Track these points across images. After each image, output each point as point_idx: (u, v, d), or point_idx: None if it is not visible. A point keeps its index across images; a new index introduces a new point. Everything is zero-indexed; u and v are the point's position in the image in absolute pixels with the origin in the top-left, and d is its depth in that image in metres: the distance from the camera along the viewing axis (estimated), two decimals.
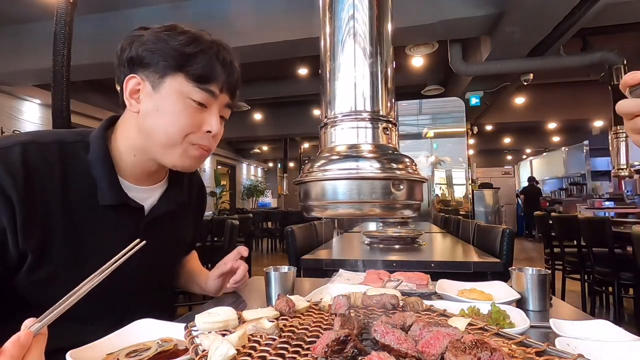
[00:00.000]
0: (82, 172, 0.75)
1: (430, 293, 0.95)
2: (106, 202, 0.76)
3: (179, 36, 0.75)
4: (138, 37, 0.75)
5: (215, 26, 4.10)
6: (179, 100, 0.74)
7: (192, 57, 0.74)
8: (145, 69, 0.75)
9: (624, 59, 4.37)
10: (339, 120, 0.61)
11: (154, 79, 0.75)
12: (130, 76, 0.76)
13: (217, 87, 0.77)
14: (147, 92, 0.76)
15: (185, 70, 0.74)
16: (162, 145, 0.77)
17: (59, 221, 0.72)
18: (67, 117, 2.71)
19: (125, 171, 0.81)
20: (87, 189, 0.75)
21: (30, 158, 0.70)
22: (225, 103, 0.81)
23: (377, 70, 0.60)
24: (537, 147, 13.55)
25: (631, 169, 4.55)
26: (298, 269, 1.71)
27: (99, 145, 0.78)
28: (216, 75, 0.76)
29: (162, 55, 0.73)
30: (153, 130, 0.76)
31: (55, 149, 0.74)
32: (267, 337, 0.56)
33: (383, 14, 0.62)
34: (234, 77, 0.80)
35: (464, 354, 0.43)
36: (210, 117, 0.78)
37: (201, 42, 0.76)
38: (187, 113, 0.75)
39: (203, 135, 0.78)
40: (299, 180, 0.63)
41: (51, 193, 0.71)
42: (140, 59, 0.74)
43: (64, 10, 2.67)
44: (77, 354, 0.54)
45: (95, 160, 0.76)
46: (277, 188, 15.25)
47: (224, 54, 0.78)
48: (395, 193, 0.56)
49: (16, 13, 4.40)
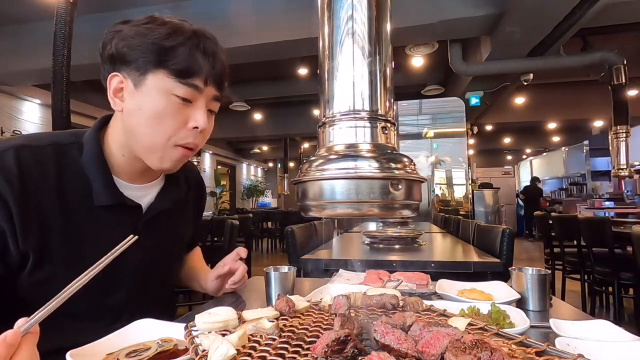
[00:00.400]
0: (77, 173, 0.75)
1: (430, 293, 0.95)
2: (101, 202, 0.76)
3: (158, 28, 0.71)
4: (118, 32, 0.73)
5: (215, 26, 4.09)
6: (161, 97, 0.71)
7: (171, 50, 0.70)
8: (126, 66, 0.72)
9: (624, 59, 4.37)
10: (337, 119, 0.61)
11: (135, 76, 0.72)
12: (112, 74, 0.74)
13: (201, 80, 0.73)
14: (129, 90, 0.73)
15: (165, 66, 0.70)
16: (144, 145, 0.75)
17: (57, 221, 0.72)
18: (67, 117, 2.71)
19: (119, 170, 0.80)
20: (83, 189, 0.75)
21: (24, 161, 0.70)
22: (213, 96, 0.77)
23: (376, 70, 0.60)
24: (537, 147, 13.55)
25: (631, 169, 4.54)
26: (298, 269, 1.71)
27: (92, 145, 0.77)
28: (199, 68, 0.72)
29: (141, 51, 0.70)
30: (136, 129, 0.74)
31: (50, 151, 0.74)
32: (267, 337, 0.56)
33: (382, 14, 0.62)
34: (219, 68, 0.75)
35: (464, 354, 0.43)
36: (196, 112, 0.74)
37: (180, 33, 0.72)
38: (170, 110, 0.72)
39: (189, 132, 0.75)
40: (297, 179, 0.62)
41: (47, 194, 0.71)
42: (121, 55, 0.72)
43: (64, 10, 2.67)
44: (77, 354, 0.54)
45: (89, 161, 0.76)
46: (277, 188, 15.25)
47: (206, 44, 0.74)
48: (393, 193, 0.56)
49: (16, 13, 4.40)
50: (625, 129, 4.34)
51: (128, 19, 0.77)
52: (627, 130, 4.34)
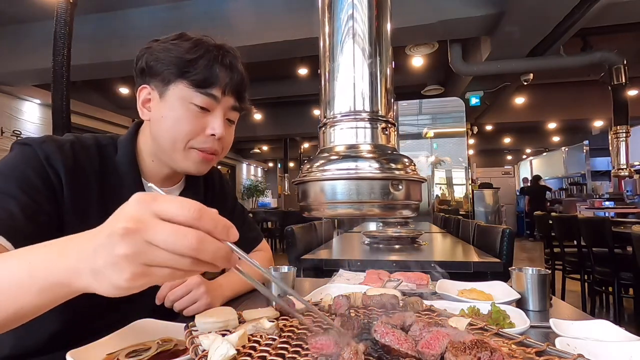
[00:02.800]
0: (113, 169, 0.82)
1: (430, 293, 0.95)
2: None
3: (182, 44, 0.78)
4: (148, 49, 0.80)
5: (215, 26, 4.10)
6: (181, 105, 0.77)
7: (192, 62, 0.76)
8: (153, 79, 0.79)
9: (624, 59, 4.37)
10: (337, 120, 0.61)
11: (160, 87, 0.79)
12: (142, 86, 0.81)
13: (219, 90, 0.78)
14: (155, 101, 0.80)
15: (186, 77, 0.76)
16: (166, 150, 0.80)
17: (94, 204, 0.77)
18: (67, 117, 2.71)
19: (148, 174, 0.85)
20: (117, 183, 0.81)
21: (77, 151, 0.78)
22: (231, 106, 0.82)
23: (377, 71, 0.60)
24: (537, 147, 13.54)
25: (631, 169, 4.55)
26: (298, 269, 1.71)
27: (125, 147, 0.84)
28: (217, 79, 0.77)
29: (165, 64, 0.77)
30: (159, 136, 0.80)
31: (94, 148, 0.81)
32: (267, 337, 0.56)
33: (382, 14, 0.62)
34: (237, 79, 0.80)
35: (464, 354, 0.43)
36: (214, 120, 0.79)
37: (202, 47, 0.78)
38: (188, 118, 0.77)
39: (207, 139, 0.79)
40: (298, 180, 0.62)
41: (91, 178, 0.78)
42: (149, 69, 0.79)
43: (64, 10, 2.67)
44: (77, 354, 0.54)
45: (123, 162, 0.82)
46: (277, 188, 15.24)
47: (226, 56, 0.79)
48: (394, 193, 0.56)
49: (16, 13, 4.40)
50: (625, 129, 4.34)
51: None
52: (627, 130, 4.34)
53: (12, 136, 5.54)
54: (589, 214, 6.29)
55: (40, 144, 0.73)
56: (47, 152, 0.72)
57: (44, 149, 0.72)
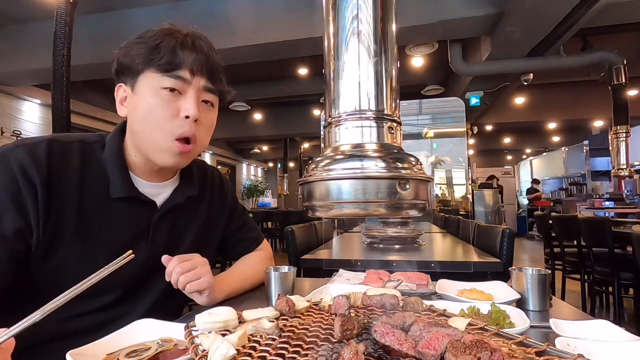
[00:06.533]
0: (97, 168, 0.81)
1: (430, 293, 0.95)
2: (117, 194, 0.80)
3: (147, 34, 0.78)
4: (120, 49, 0.80)
5: (216, 26, 4.10)
6: (151, 92, 0.77)
7: (156, 48, 0.76)
8: (125, 75, 0.80)
9: (624, 59, 4.38)
10: (343, 119, 0.61)
11: (131, 81, 0.79)
12: (118, 85, 0.82)
13: (186, 71, 0.77)
14: (129, 96, 0.80)
15: (152, 63, 0.76)
16: (144, 142, 0.80)
17: (73, 210, 0.76)
18: (67, 117, 2.71)
19: (136, 168, 0.85)
20: (102, 182, 0.80)
21: (53, 152, 0.76)
22: (203, 86, 0.80)
23: (382, 69, 0.60)
24: (537, 147, 13.55)
25: (631, 169, 4.55)
26: (298, 269, 1.71)
27: (113, 143, 0.83)
28: (182, 60, 0.77)
29: (132, 57, 0.77)
30: (135, 129, 0.80)
31: (76, 147, 0.80)
32: (267, 337, 0.56)
33: (387, 14, 0.61)
34: (204, 58, 0.79)
35: (464, 354, 0.43)
36: (186, 102, 0.77)
37: (168, 34, 0.78)
38: (160, 103, 0.76)
39: (183, 122, 0.78)
40: (303, 180, 0.62)
41: (68, 183, 0.76)
42: (120, 66, 0.80)
43: (64, 10, 2.67)
44: (77, 354, 0.54)
45: (109, 157, 0.82)
46: (277, 188, 15.24)
47: (190, 39, 0.79)
48: (401, 192, 0.56)
49: (16, 13, 4.40)
50: (625, 129, 4.34)
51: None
52: (627, 130, 4.34)
53: (12, 136, 5.53)
54: (589, 214, 6.28)
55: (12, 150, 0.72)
56: (20, 162, 0.71)
57: (17, 158, 0.71)
